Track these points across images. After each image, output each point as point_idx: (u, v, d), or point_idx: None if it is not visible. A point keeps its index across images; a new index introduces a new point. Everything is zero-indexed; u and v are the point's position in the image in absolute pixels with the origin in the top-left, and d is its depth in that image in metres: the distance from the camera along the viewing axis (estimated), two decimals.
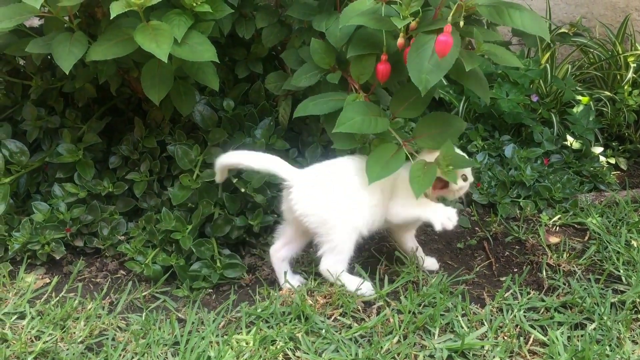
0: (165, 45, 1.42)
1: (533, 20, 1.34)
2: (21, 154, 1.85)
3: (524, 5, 1.40)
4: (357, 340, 1.45)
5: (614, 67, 2.61)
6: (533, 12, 1.37)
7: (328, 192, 1.55)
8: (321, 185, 1.56)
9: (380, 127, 1.48)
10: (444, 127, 1.55)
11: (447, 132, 1.54)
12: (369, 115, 1.48)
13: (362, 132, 1.49)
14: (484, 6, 1.34)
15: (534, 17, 1.35)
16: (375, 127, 1.47)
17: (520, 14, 1.33)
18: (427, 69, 1.34)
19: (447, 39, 1.30)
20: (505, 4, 1.35)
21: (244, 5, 1.81)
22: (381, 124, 1.49)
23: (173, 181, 1.86)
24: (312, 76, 1.64)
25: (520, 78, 2.37)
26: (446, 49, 1.30)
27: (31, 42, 1.58)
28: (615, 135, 2.53)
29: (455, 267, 1.76)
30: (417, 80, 1.34)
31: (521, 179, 2.07)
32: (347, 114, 1.47)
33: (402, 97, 1.56)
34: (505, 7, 1.34)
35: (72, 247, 1.79)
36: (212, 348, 1.42)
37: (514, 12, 1.33)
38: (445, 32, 1.30)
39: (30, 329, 1.49)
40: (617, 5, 3.06)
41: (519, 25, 1.33)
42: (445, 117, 1.60)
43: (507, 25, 1.34)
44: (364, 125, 1.47)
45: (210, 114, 1.89)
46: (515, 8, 1.34)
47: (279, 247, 1.66)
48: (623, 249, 1.78)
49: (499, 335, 1.47)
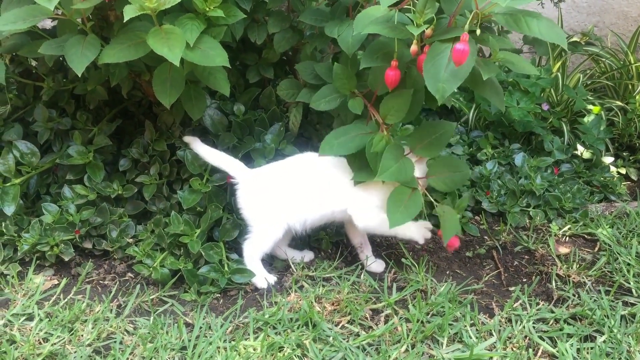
0: (178, 49, 1.42)
1: (550, 29, 1.33)
2: (32, 155, 1.85)
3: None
4: (364, 349, 1.45)
5: (626, 77, 2.60)
6: (550, 20, 1.36)
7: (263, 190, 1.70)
8: (259, 183, 1.71)
9: (409, 173, 1.54)
10: (455, 172, 1.65)
11: (458, 177, 1.65)
12: (399, 159, 1.53)
13: (398, 180, 1.53)
14: (500, 14, 1.33)
15: (551, 25, 1.34)
16: (405, 175, 1.52)
17: (537, 22, 1.32)
18: (444, 77, 1.33)
19: (465, 47, 1.29)
20: (522, 12, 1.34)
21: (257, 10, 1.81)
22: (409, 170, 1.54)
23: (182, 185, 1.86)
24: (331, 100, 1.65)
25: (531, 86, 2.36)
26: (463, 57, 1.30)
27: (44, 44, 1.58)
28: (626, 146, 2.52)
29: (464, 276, 1.75)
30: (433, 89, 1.34)
31: (531, 188, 2.06)
32: (386, 162, 1.50)
33: (422, 134, 1.61)
34: (522, 15, 1.33)
35: (80, 249, 1.79)
36: (219, 354, 1.42)
37: (532, 20, 1.32)
38: (462, 41, 1.30)
39: (38, 330, 1.50)
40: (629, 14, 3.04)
41: (537, 33, 1.32)
42: (456, 163, 1.69)
43: (525, 33, 1.33)
44: (400, 173, 1.52)
45: (221, 118, 1.89)
46: (532, 16, 1.33)
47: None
48: (634, 261, 1.77)
49: (508, 347, 1.46)
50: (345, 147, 1.57)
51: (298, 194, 1.68)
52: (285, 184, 1.69)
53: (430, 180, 1.65)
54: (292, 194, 1.68)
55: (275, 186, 1.70)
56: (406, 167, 1.53)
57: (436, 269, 1.76)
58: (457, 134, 2.36)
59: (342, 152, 1.58)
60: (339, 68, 1.61)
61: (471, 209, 2.05)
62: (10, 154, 1.83)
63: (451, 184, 1.65)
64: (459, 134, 2.37)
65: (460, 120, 2.44)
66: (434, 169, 1.66)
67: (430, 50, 1.35)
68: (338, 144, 1.58)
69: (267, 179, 1.72)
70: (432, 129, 1.60)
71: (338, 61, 1.68)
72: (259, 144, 1.86)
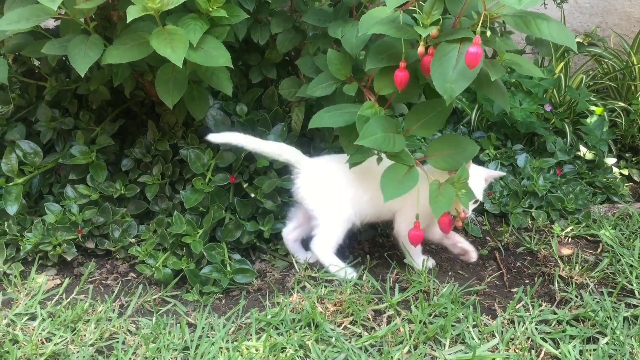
0: (181, 50, 1.42)
1: (560, 31, 1.33)
2: (34, 155, 1.85)
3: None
4: (367, 350, 1.45)
5: (629, 78, 2.59)
6: (560, 23, 1.36)
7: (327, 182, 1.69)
8: (322, 174, 1.70)
9: (397, 146, 1.49)
10: (457, 150, 1.58)
11: (460, 155, 1.57)
12: (389, 132, 1.49)
13: (381, 149, 1.50)
14: (509, 16, 1.33)
15: (561, 27, 1.34)
16: (393, 146, 1.49)
17: (547, 24, 1.32)
18: (452, 78, 1.33)
19: (477, 50, 1.29)
20: (532, 14, 1.34)
21: (260, 10, 1.81)
22: (399, 143, 1.50)
23: (185, 185, 1.86)
24: (327, 86, 1.64)
25: (534, 87, 2.36)
26: (476, 60, 1.30)
27: (47, 44, 1.58)
28: (629, 147, 2.52)
29: (467, 277, 1.75)
30: (441, 90, 1.34)
31: (533, 189, 2.06)
32: (370, 128, 1.47)
33: (419, 113, 1.57)
34: (532, 17, 1.33)
35: (83, 249, 1.80)
36: (222, 354, 1.42)
37: (542, 22, 1.32)
38: (475, 44, 1.30)
39: (41, 330, 1.50)
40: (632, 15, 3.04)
41: (547, 35, 1.32)
42: (459, 140, 1.62)
43: (535, 35, 1.33)
44: (384, 143, 1.48)
45: (223, 119, 1.89)
46: (542, 18, 1.34)
47: (291, 230, 1.78)
48: (636, 262, 1.77)
49: (510, 348, 1.46)
50: (335, 120, 1.56)
51: (363, 188, 1.67)
52: (352, 176, 1.67)
53: (430, 161, 1.59)
54: (358, 187, 1.68)
55: (342, 177, 1.68)
56: (395, 140, 1.49)
57: (438, 270, 1.76)
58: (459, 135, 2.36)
59: (332, 125, 1.57)
60: (333, 53, 1.61)
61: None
62: (13, 153, 1.83)
63: (454, 163, 1.56)
64: (462, 134, 2.37)
65: (463, 121, 2.44)
66: (433, 148, 1.59)
67: (437, 51, 1.34)
68: (329, 117, 1.57)
69: (334, 170, 1.69)
70: (428, 108, 1.56)
71: None
72: None
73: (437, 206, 1.47)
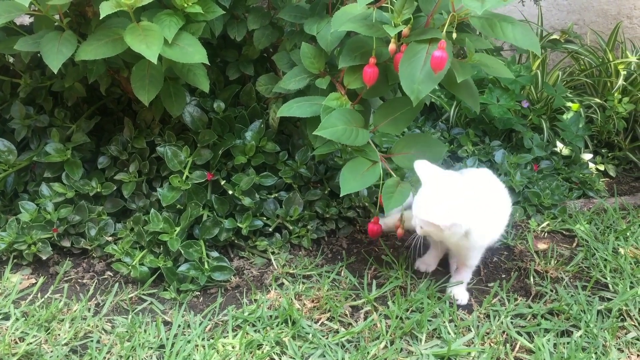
0: (155, 46, 1.40)
1: (525, 35, 1.34)
2: (9, 153, 1.83)
3: (516, 14, 1.40)
4: (344, 345, 1.45)
5: (605, 75, 2.62)
6: (525, 26, 1.37)
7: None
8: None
9: (359, 140, 1.49)
10: (424, 149, 1.57)
11: (427, 155, 1.54)
12: (352, 125, 1.49)
13: (341, 141, 1.50)
14: (476, 18, 1.34)
15: (525, 31, 1.35)
16: (354, 139, 1.48)
17: (512, 27, 1.33)
18: (419, 79, 1.34)
19: (443, 54, 1.30)
20: (498, 16, 1.35)
21: (236, 6, 1.80)
22: (361, 137, 1.50)
23: (162, 182, 1.85)
24: (301, 80, 1.64)
25: (511, 84, 2.38)
26: (442, 64, 1.31)
27: (20, 40, 1.56)
28: (605, 142, 2.55)
29: (444, 272, 1.76)
30: (409, 90, 1.34)
31: (511, 184, 2.07)
32: (331, 120, 1.47)
33: (387, 110, 1.57)
34: (497, 20, 1.34)
35: (59, 248, 1.78)
36: (197, 352, 1.42)
37: (507, 25, 1.33)
38: (440, 48, 1.31)
39: (14, 330, 1.48)
40: (609, 12, 3.07)
41: (511, 39, 1.33)
42: (426, 139, 1.63)
43: (499, 38, 1.34)
44: (344, 135, 1.48)
45: (201, 115, 1.88)
46: (508, 22, 1.34)
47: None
48: (610, 257, 1.79)
49: (486, 342, 1.47)
50: (303, 110, 1.56)
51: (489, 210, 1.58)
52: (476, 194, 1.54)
53: (395, 159, 1.58)
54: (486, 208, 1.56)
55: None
56: (358, 134, 1.48)
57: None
58: (438, 131, 2.37)
59: (299, 114, 1.57)
60: (307, 47, 1.61)
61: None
62: None
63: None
64: (440, 131, 2.38)
65: (442, 118, 2.46)
66: (400, 146, 1.58)
67: (406, 51, 1.35)
68: (297, 107, 1.57)
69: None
70: (397, 106, 1.56)
71: None
72: (239, 141, 1.85)
73: (389, 202, 1.49)
